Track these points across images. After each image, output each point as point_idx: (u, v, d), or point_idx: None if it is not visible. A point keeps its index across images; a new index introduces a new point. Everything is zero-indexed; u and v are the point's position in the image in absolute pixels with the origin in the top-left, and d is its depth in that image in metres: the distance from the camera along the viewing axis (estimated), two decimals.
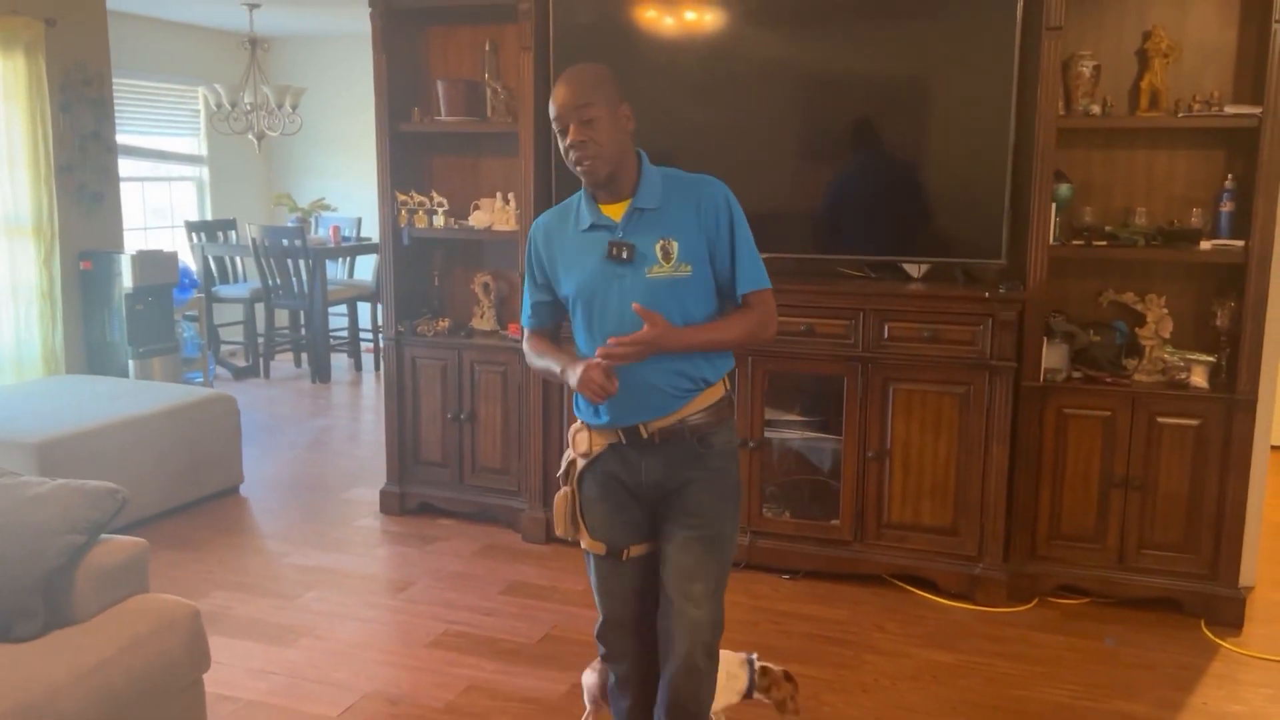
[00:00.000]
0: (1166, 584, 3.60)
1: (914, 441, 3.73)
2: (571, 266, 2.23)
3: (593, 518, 2.30)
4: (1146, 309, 3.65)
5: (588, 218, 2.22)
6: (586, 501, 2.30)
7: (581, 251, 2.22)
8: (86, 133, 5.49)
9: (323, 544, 4.27)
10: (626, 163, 2.20)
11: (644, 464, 2.24)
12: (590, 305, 2.21)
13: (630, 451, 2.24)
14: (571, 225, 2.25)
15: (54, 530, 2.41)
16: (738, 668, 2.64)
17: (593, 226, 2.21)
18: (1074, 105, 3.61)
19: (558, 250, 2.26)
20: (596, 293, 2.20)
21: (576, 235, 2.23)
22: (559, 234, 2.26)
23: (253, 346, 7.74)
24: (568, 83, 2.17)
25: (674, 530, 2.25)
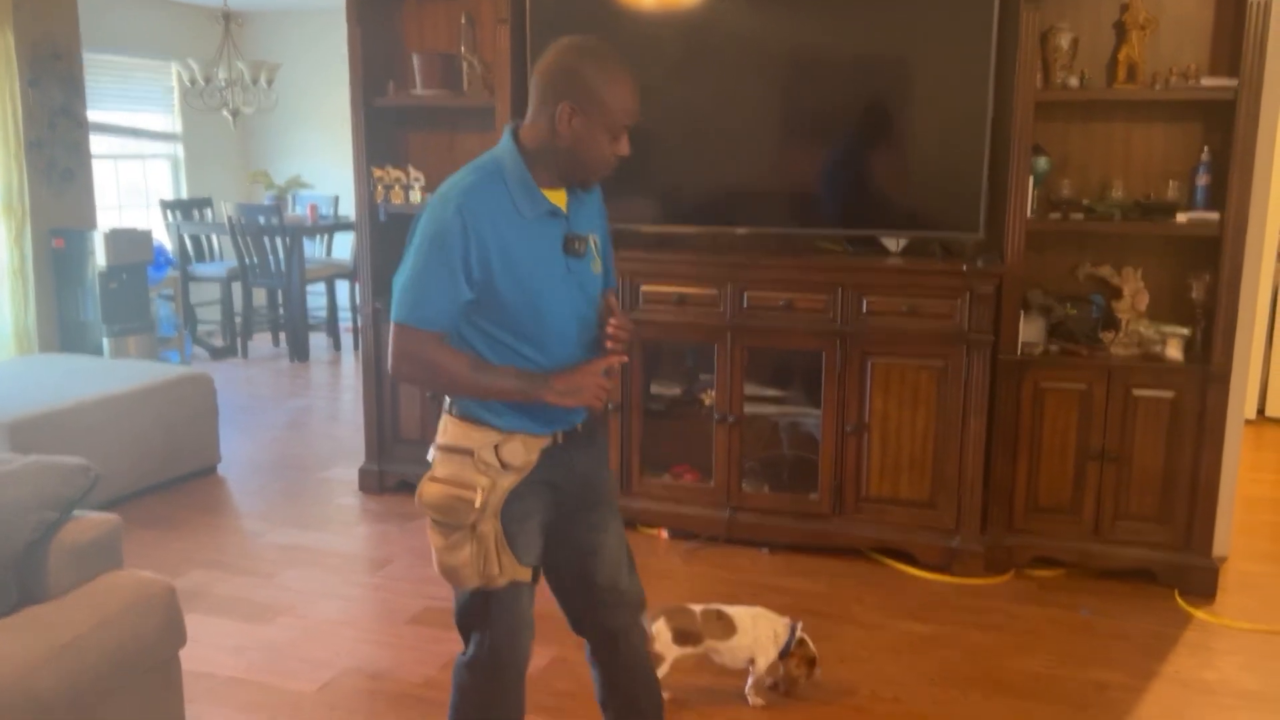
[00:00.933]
0: (1141, 555, 3.63)
1: (892, 415, 3.74)
2: (523, 259, 1.92)
3: (522, 541, 2.02)
4: (1123, 282, 3.66)
5: (539, 203, 1.94)
6: (512, 525, 2.00)
7: (534, 242, 1.94)
8: (56, 108, 5.42)
9: (301, 523, 4.26)
10: None
11: (576, 460, 2.08)
12: (540, 304, 1.95)
13: (564, 451, 2.05)
14: (510, 207, 1.91)
15: (25, 507, 2.38)
16: (782, 629, 2.82)
17: (548, 214, 1.96)
18: (1052, 78, 3.61)
19: (509, 237, 1.90)
20: (551, 290, 1.96)
21: (523, 222, 1.93)
22: (502, 220, 1.90)
23: (230, 326, 7.68)
24: (636, 90, 1.97)
25: (598, 519, 2.13)
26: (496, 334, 1.96)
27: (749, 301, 3.83)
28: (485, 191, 1.91)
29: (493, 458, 1.97)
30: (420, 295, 1.90)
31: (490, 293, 1.91)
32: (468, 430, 1.99)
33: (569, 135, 1.91)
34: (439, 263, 1.88)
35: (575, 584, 2.15)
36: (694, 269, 3.89)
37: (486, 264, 1.89)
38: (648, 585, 3.60)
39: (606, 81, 1.91)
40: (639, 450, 4.06)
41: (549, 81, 1.92)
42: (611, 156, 1.96)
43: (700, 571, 3.76)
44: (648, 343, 4.01)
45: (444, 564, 2.00)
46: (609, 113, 1.92)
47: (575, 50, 1.95)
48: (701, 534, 3.99)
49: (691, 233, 4.16)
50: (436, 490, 1.98)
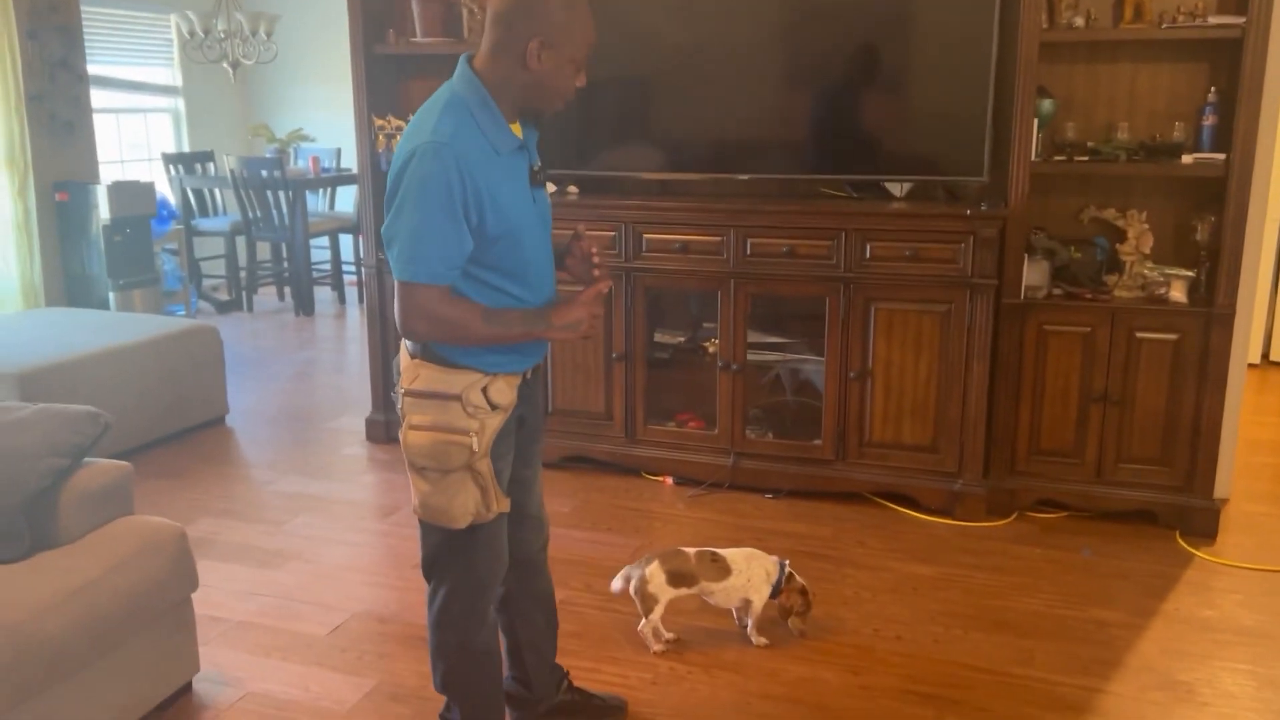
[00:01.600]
0: (1143, 496, 3.66)
1: (895, 361, 3.75)
2: (507, 196, 1.93)
3: (505, 474, 2.10)
4: (1127, 225, 3.65)
5: (510, 138, 1.96)
6: (499, 462, 2.06)
7: (512, 177, 1.97)
8: (55, 60, 5.38)
9: (309, 471, 4.30)
10: None
11: (537, 394, 2.23)
12: (521, 239, 1.98)
13: (529, 387, 2.14)
14: (487, 146, 1.91)
15: (36, 454, 2.41)
16: (773, 567, 2.88)
17: (518, 148, 1.99)
18: (1057, 18, 3.57)
19: (494, 177, 1.91)
20: (527, 223, 2.00)
21: (498, 159, 1.93)
22: (484, 157, 1.90)
23: (235, 280, 7.69)
24: (593, 21, 1.96)
25: (532, 452, 2.26)
26: (484, 276, 1.97)
27: (752, 248, 3.82)
28: (465, 135, 1.89)
29: (481, 400, 2.00)
30: (426, 250, 1.88)
31: (481, 235, 1.92)
32: (448, 374, 1.99)
33: (538, 70, 1.91)
34: (441, 213, 1.85)
35: (510, 514, 2.18)
36: (696, 216, 3.88)
37: (480, 207, 1.89)
38: (653, 531, 3.67)
39: (570, 13, 1.91)
40: (643, 399, 4.08)
41: (516, 17, 1.90)
42: (572, 89, 1.98)
43: (705, 517, 3.79)
44: (651, 290, 4.02)
45: (434, 506, 2.04)
46: (574, 45, 1.92)
47: None
48: (706, 480, 4.02)
49: (693, 179, 4.14)
50: (424, 438, 2.00)
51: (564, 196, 4.11)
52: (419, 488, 2.06)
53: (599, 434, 4.17)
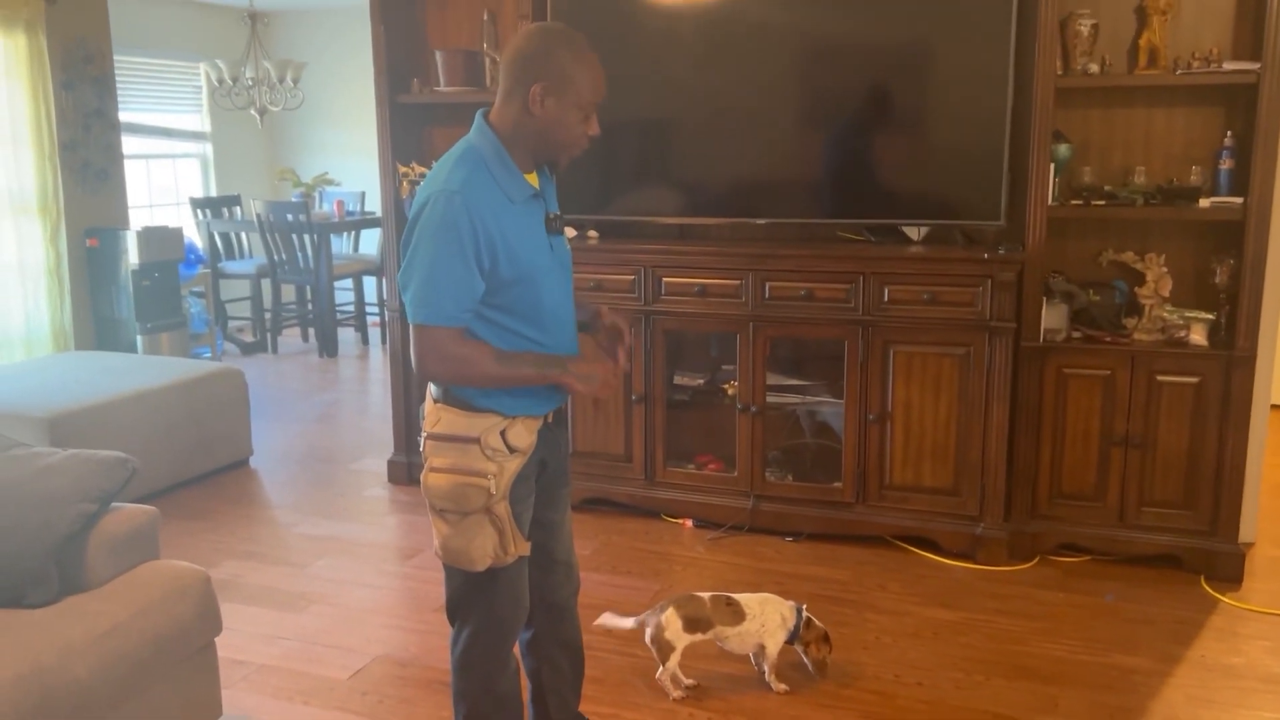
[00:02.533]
0: (1167, 541, 3.63)
1: (915, 403, 3.75)
2: (521, 243, 1.99)
3: (525, 518, 2.12)
4: (1146, 268, 3.65)
5: (524, 186, 2.01)
6: (518, 505, 2.08)
7: (526, 224, 2.02)
8: (89, 110, 5.51)
9: (332, 513, 4.33)
10: None
11: (560, 438, 2.25)
12: (537, 284, 2.04)
13: (551, 430, 2.18)
14: (500, 195, 1.97)
15: (66, 499, 2.45)
16: (789, 612, 2.87)
17: (532, 197, 2.04)
18: (1072, 64, 3.61)
19: (506, 224, 1.96)
20: (543, 270, 2.05)
21: (513, 207, 1.99)
22: (497, 205, 1.96)
23: (260, 322, 7.79)
24: (603, 73, 2.02)
25: (558, 496, 2.28)
26: (501, 320, 2.02)
27: (770, 292, 3.85)
28: (479, 182, 1.95)
29: (500, 443, 2.03)
30: (439, 293, 1.93)
31: (495, 279, 1.97)
32: (468, 418, 2.04)
33: (541, 116, 1.97)
34: (453, 258, 1.92)
35: (536, 557, 2.22)
36: (715, 260, 3.92)
37: (493, 252, 1.95)
38: (673, 575, 3.67)
39: (576, 62, 1.97)
40: (663, 441, 4.10)
41: (521, 65, 1.98)
42: (583, 136, 2.02)
43: (725, 560, 3.79)
44: (670, 333, 4.05)
45: (453, 549, 2.07)
46: (579, 92, 1.97)
47: (544, 34, 2.01)
48: (726, 523, 4.02)
49: (712, 224, 4.19)
50: (443, 480, 2.05)
51: (584, 241, 4.17)
52: (439, 530, 2.10)
53: (619, 476, 4.18)
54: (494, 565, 2.07)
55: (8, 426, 3.90)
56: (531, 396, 2.08)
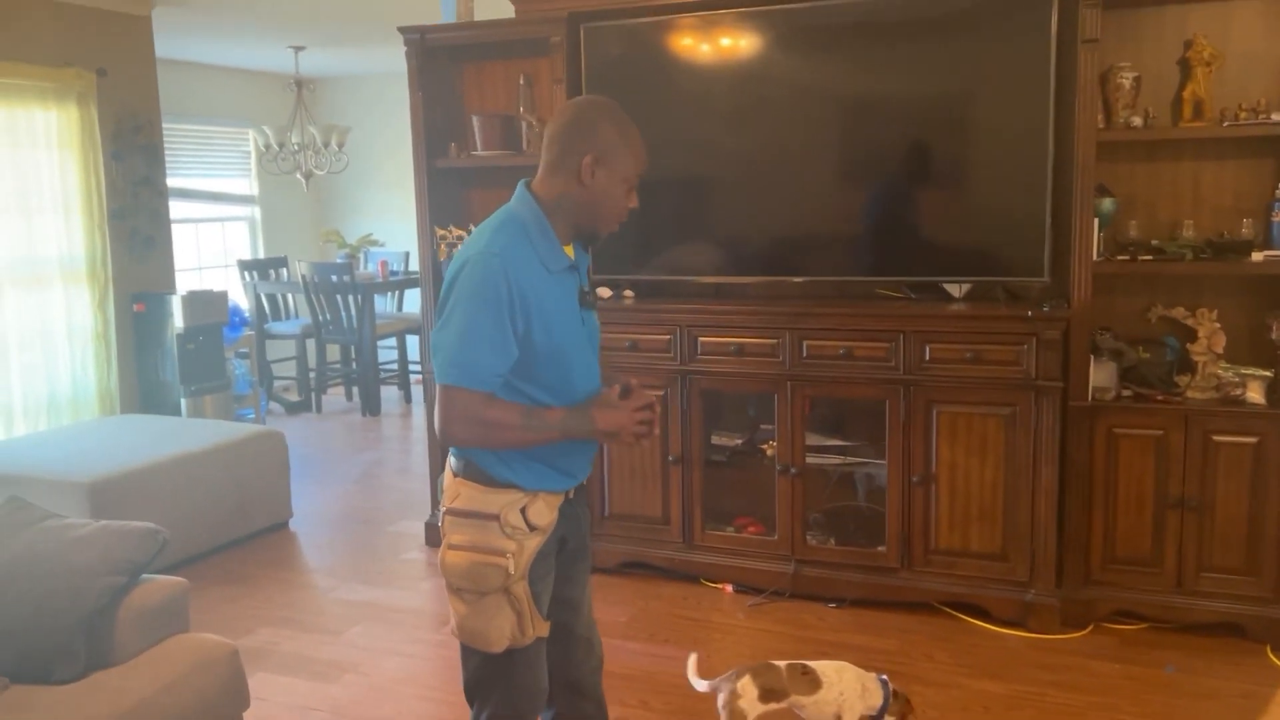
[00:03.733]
0: (1228, 608, 3.47)
1: (960, 465, 3.65)
2: (555, 313, 1.97)
3: (544, 597, 2.05)
4: (1198, 324, 3.54)
5: (561, 257, 2.00)
6: (537, 584, 2.02)
7: (561, 296, 2.00)
8: (138, 178, 5.63)
9: (369, 578, 4.30)
10: None
11: (581, 514, 2.17)
12: (566, 356, 2.00)
13: (573, 506, 2.12)
14: (538, 265, 1.95)
15: (95, 572, 2.45)
16: (873, 684, 2.74)
17: (569, 268, 2.03)
18: (1114, 118, 3.54)
19: (541, 294, 1.94)
20: (574, 342, 2.02)
21: (549, 277, 1.97)
22: (534, 273, 1.94)
23: (305, 381, 7.87)
24: (644, 148, 2.04)
25: (577, 572, 2.20)
26: (526, 389, 1.98)
27: (808, 350, 3.79)
28: (518, 249, 1.94)
29: (520, 520, 1.98)
30: (472, 355, 1.89)
31: (528, 349, 1.94)
32: (488, 493, 1.99)
33: (591, 186, 1.97)
34: (488, 321, 1.88)
35: (556, 633, 2.15)
36: (752, 318, 3.87)
37: (528, 320, 1.92)
38: (711, 643, 3.58)
39: (623, 134, 1.99)
40: (701, 502, 4.03)
41: (571, 136, 1.98)
42: (625, 209, 2.03)
43: (765, 628, 3.69)
44: (706, 392, 3.99)
45: (470, 629, 2.02)
46: (626, 164, 1.99)
47: (593, 106, 2.03)
48: (767, 589, 3.92)
49: (749, 282, 4.14)
50: (461, 559, 2.00)
51: (620, 300, 4.14)
52: (456, 609, 2.04)
53: (656, 539, 4.11)
54: (512, 646, 2.02)
55: (50, 492, 3.94)
56: (555, 470, 2.04)
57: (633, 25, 4.05)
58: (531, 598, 2.01)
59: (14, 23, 5.01)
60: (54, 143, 5.19)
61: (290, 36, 6.86)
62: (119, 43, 5.53)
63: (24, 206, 5.10)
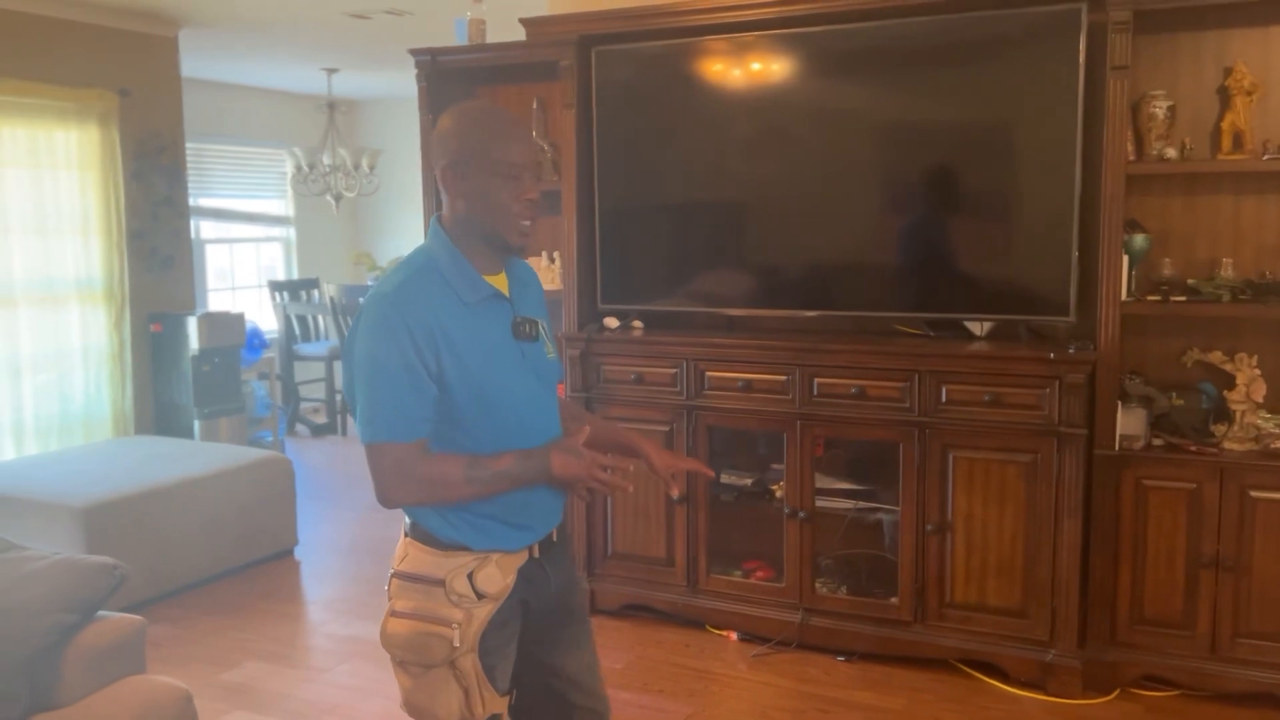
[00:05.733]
0: (1267, 678, 3.21)
1: (977, 514, 3.44)
2: (470, 348, 1.78)
3: (501, 671, 1.85)
4: (1236, 369, 3.31)
5: (479, 288, 1.82)
6: (491, 658, 1.83)
7: (480, 328, 1.81)
8: (159, 199, 5.62)
9: (365, 612, 4.17)
10: None
11: (551, 573, 1.93)
12: (496, 393, 1.80)
13: (539, 567, 1.90)
14: (450, 298, 1.79)
15: (42, 610, 2.34)
16: None
17: (491, 298, 1.84)
18: (1147, 149, 3.33)
19: (450, 328, 1.76)
20: (504, 378, 1.82)
21: (466, 309, 1.79)
22: (441, 310, 1.77)
23: (332, 404, 7.82)
24: (520, 130, 1.84)
25: (572, 636, 1.99)
26: (459, 439, 1.79)
27: (819, 388, 3.61)
28: (418, 283, 1.78)
29: (467, 587, 1.80)
30: (385, 406, 1.74)
31: (445, 391, 1.76)
32: (434, 557, 1.82)
33: (463, 199, 1.80)
34: (393, 365, 1.72)
35: (549, 706, 1.97)
36: (760, 353, 3.70)
37: (437, 356, 1.74)
38: (709, 695, 3.39)
39: (477, 130, 1.80)
40: (706, 544, 3.85)
41: (431, 156, 1.86)
42: (515, 203, 1.79)
43: (767, 681, 3.50)
44: (713, 429, 3.83)
45: (415, 705, 1.84)
46: (488, 156, 1.77)
47: (446, 115, 1.85)
48: (773, 638, 3.73)
49: (761, 315, 3.97)
50: (403, 628, 1.82)
51: (628, 332, 4.00)
52: (401, 683, 1.86)
53: (659, 581, 3.94)
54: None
55: (42, 515, 3.89)
56: (509, 526, 1.84)
57: (644, 49, 3.93)
58: (482, 672, 1.81)
59: (37, 43, 5.03)
60: (74, 163, 5.19)
61: (322, 59, 6.87)
62: (143, 63, 5.54)
63: (42, 227, 5.10)
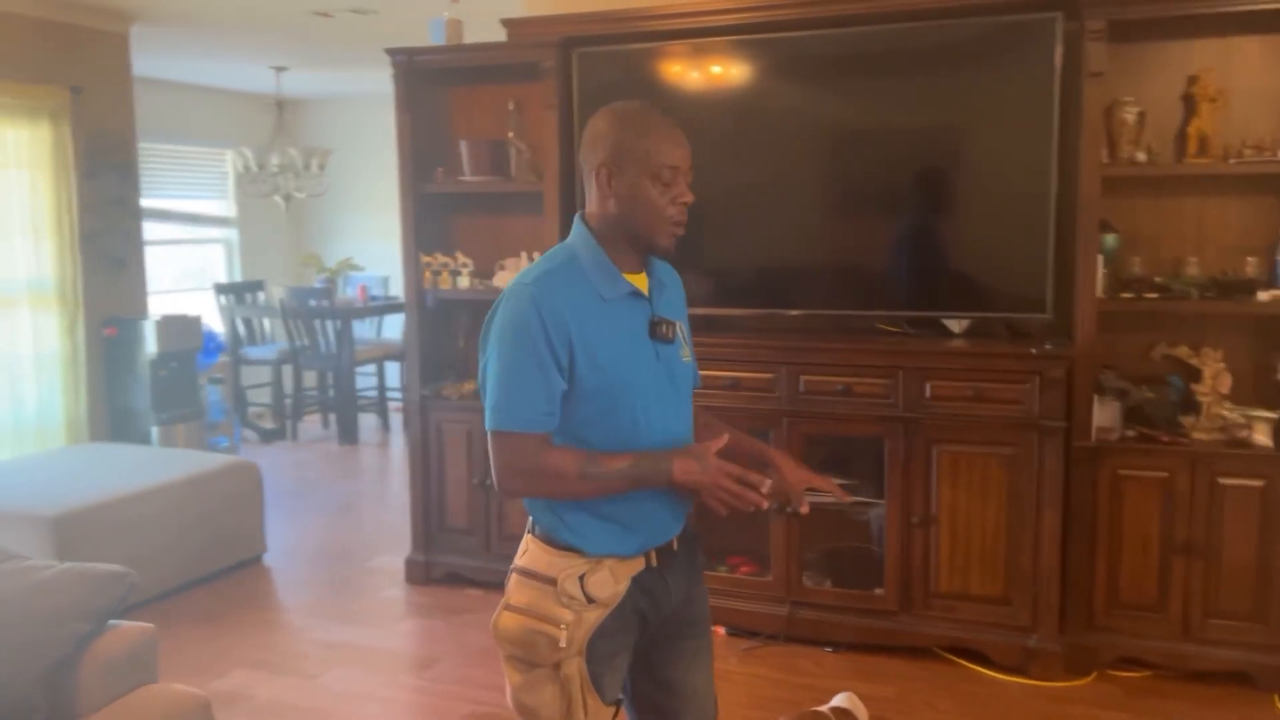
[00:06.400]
0: (1236, 656, 3.38)
1: (961, 506, 3.55)
2: (604, 343, 1.77)
3: (608, 681, 1.80)
4: (1202, 363, 3.47)
5: (618, 285, 1.81)
6: (599, 665, 1.78)
7: (619, 326, 1.80)
8: (111, 198, 5.48)
9: (346, 617, 4.13)
10: None
11: (671, 584, 1.87)
12: (626, 391, 1.78)
13: (657, 575, 1.84)
14: (589, 293, 1.78)
15: (60, 619, 2.29)
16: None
17: (630, 295, 1.82)
18: (1118, 153, 3.48)
19: (586, 323, 1.76)
20: (637, 376, 1.80)
21: (603, 306, 1.79)
22: (579, 303, 1.77)
23: (280, 408, 7.68)
24: (677, 133, 1.84)
25: (692, 651, 1.94)
26: (588, 437, 1.78)
27: (805, 386, 3.69)
28: (558, 276, 1.79)
29: (577, 590, 1.77)
30: (513, 396, 1.74)
31: (576, 384, 1.76)
32: (549, 556, 1.81)
33: (615, 199, 1.81)
34: (525, 356, 1.73)
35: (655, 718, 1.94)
36: (747, 352, 3.77)
37: (569, 350, 1.74)
38: None
39: (635, 132, 1.81)
40: None
41: (585, 155, 1.85)
42: (669, 206, 1.80)
43: (758, 674, 3.56)
44: None
45: (521, 704, 1.81)
46: (646, 159, 1.79)
47: (601, 116, 1.87)
48: (761, 632, 3.79)
49: (743, 315, 4.04)
50: (514, 622, 1.80)
51: None
52: (510, 679, 1.83)
53: None
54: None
55: (11, 526, 3.77)
56: (624, 531, 1.79)
57: (626, 51, 3.96)
58: (588, 679, 1.77)
59: None
60: (25, 161, 5.03)
61: (272, 57, 6.74)
62: (95, 60, 5.39)
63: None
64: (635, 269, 1.86)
